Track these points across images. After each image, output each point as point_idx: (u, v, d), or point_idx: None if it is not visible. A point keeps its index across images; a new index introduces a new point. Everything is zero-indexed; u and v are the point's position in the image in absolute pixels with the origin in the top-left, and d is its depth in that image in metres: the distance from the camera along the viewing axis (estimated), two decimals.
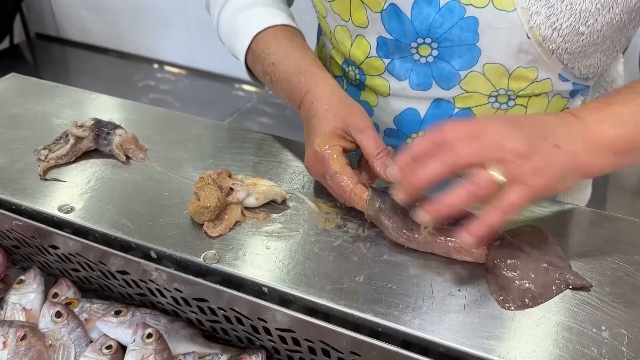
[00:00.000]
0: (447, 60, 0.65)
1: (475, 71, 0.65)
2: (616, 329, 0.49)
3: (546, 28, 0.59)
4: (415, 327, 0.49)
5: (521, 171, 0.49)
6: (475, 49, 0.63)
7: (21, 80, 0.89)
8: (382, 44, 0.68)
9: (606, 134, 0.52)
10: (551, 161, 0.50)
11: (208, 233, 0.59)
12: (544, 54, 0.62)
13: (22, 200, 0.64)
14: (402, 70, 0.69)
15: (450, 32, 0.62)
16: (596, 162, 0.53)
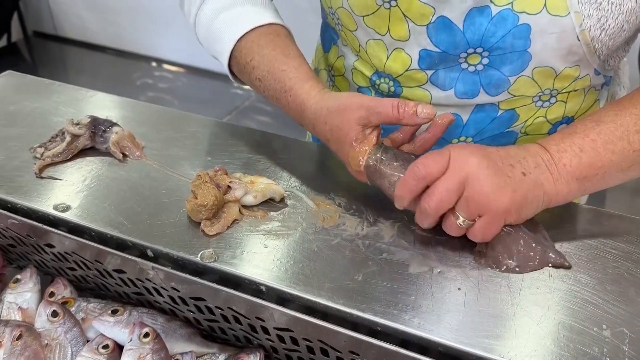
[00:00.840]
0: (497, 68, 0.65)
1: (524, 75, 0.65)
2: (617, 327, 0.49)
3: (596, 29, 0.60)
4: (415, 326, 0.49)
5: (486, 205, 0.52)
6: (527, 54, 0.63)
7: (18, 78, 0.88)
8: (426, 57, 0.66)
9: (568, 161, 0.55)
10: (518, 187, 0.53)
11: (205, 231, 0.59)
12: (588, 53, 0.63)
13: (18, 198, 0.64)
14: (447, 80, 0.68)
15: (503, 41, 0.62)
16: (561, 190, 0.55)
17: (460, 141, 0.73)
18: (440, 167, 0.53)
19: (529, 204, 0.54)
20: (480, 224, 0.54)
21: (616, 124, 0.57)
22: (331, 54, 0.81)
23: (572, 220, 0.61)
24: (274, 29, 0.70)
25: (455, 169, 0.53)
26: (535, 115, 0.70)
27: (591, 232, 0.59)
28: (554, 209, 0.62)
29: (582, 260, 0.56)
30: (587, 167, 0.56)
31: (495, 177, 0.52)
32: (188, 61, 3.13)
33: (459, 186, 0.52)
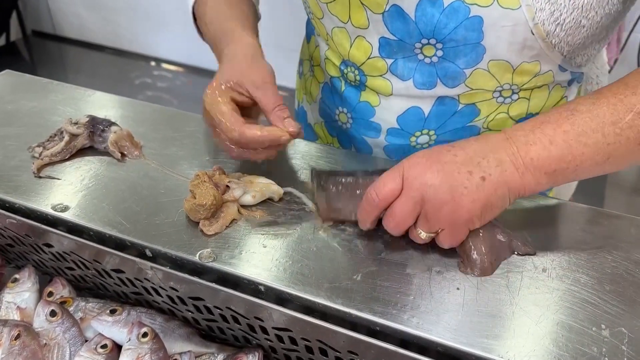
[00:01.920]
0: (451, 60, 0.65)
1: (480, 68, 0.65)
2: (616, 327, 0.49)
3: (550, 23, 0.59)
4: (414, 325, 0.49)
5: (442, 218, 0.52)
6: (480, 47, 0.63)
7: (15, 77, 0.88)
8: (385, 45, 0.67)
9: (536, 155, 0.53)
10: (477, 196, 0.52)
11: (204, 231, 0.59)
12: (546, 48, 0.62)
13: (16, 198, 0.63)
14: (405, 70, 0.68)
15: (455, 33, 0.62)
16: (528, 183, 0.53)
17: (422, 134, 0.73)
18: (394, 190, 0.53)
19: (492, 207, 0.53)
20: (443, 236, 0.54)
21: (592, 114, 0.54)
22: (311, 44, 0.84)
23: (571, 220, 0.61)
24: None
25: (409, 190, 0.52)
26: (497, 111, 0.70)
27: (590, 232, 0.59)
28: (552, 209, 0.62)
29: (581, 260, 0.56)
30: (557, 161, 0.53)
31: (451, 191, 0.51)
32: (187, 60, 3.13)
33: (414, 207, 0.53)
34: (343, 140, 0.83)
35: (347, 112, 0.77)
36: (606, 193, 2.05)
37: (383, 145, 0.76)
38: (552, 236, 0.59)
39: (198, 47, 0.77)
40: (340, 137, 0.83)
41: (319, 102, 0.84)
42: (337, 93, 0.78)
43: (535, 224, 0.60)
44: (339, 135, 0.83)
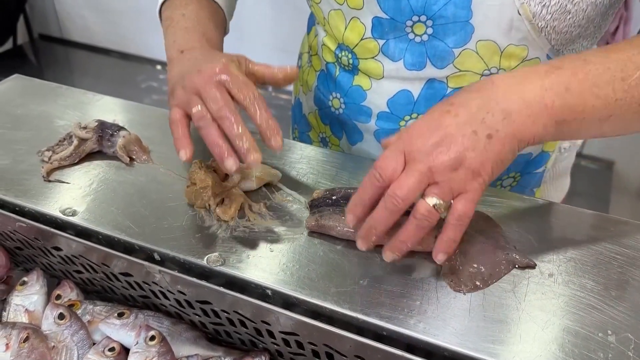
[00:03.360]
0: (441, 39, 0.67)
1: (468, 49, 0.66)
2: (622, 333, 0.49)
3: (536, 4, 0.61)
4: (420, 330, 0.49)
5: (456, 184, 0.50)
6: (469, 25, 0.64)
7: (24, 81, 0.89)
8: (378, 24, 0.69)
9: (550, 101, 0.51)
10: (486, 156, 0.50)
11: (221, 217, 0.60)
12: (533, 32, 0.64)
13: (26, 201, 0.64)
14: (396, 50, 0.70)
15: (445, 9, 0.64)
16: (537, 131, 0.51)
17: (412, 118, 0.74)
18: (396, 169, 0.51)
19: (502, 162, 0.51)
20: (458, 203, 0.50)
21: (604, 66, 0.52)
22: (311, 34, 0.86)
23: (577, 226, 0.61)
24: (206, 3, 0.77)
25: (414, 164, 0.50)
26: None
27: (596, 238, 0.59)
28: (558, 215, 0.63)
29: (587, 265, 0.56)
30: (569, 110, 0.51)
31: (459, 158, 0.49)
32: None
33: (421, 179, 0.50)
34: (335, 127, 0.84)
35: (340, 97, 0.79)
36: (611, 198, 2.05)
37: (373, 130, 0.78)
38: (558, 241, 0.59)
39: None
40: (332, 125, 0.85)
41: (314, 90, 0.86)
42: (331, 78, 0.80)
43: (541, 229, 0.60)
44: (331, 122, 0.84)
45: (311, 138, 0.91)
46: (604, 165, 2.23)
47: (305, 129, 0.92)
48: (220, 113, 0.58)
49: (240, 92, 0.59)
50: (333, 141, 0.86)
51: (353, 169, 0.70)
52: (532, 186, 0.81)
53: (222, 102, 0.58)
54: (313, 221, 0.59)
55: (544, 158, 0.79)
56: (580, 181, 2.18)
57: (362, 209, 0.53)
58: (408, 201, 0.50)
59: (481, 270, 0.54)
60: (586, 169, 2.24)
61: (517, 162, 0.76)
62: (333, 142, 0.86)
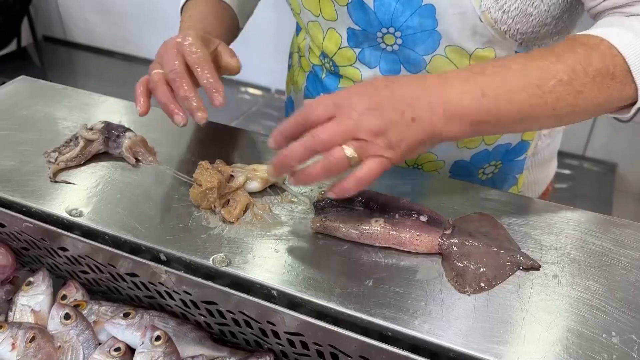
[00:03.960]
0: (411, 48, 0.69)
1: (438, 54, 0.69)
2: (626, 334, 0.49)
3: (496, 11, 0.63)
4: (425, 331, 0.49)
5: (374, 147, 0.52)
6: (436, 33, 0.67)
7: (31, 83, 0.89)
8: (352, 35, 0.72)
9: (467, 105, 0.54)
10: (406, 135, 0.53)
11: (227, 218, 0.61)
12: (497, 35, 0.66)
13: (32, 202, 0.64)
14: (372, 58, 0.73)
15: (411, 20, 0.66)
16: (453, 130, 0.55)
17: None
18: (324, 115, 0.53)
19: (415, 149, 0.54)
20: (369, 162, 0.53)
21: (522, 73, 0.56)
22: (300, 36, 0.88)
23: (581, 228, 0.61)
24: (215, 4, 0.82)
25: (344, 117, 0.53)
26: None
27: (600, 240, 0.60)
28: (563, 217, 0.63)
29: (591, 267, 0.56)
30: (484, 113, 0.55)
31: (384, 125, 0.52)
32: None
33: (346, 132, 0.52)
34: None
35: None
36: (614, 200, 2.05)
37: None
38: (563, 243, 0.59)
39: None
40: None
41: (303, 91, 0.88)
42: (318, 80, 0.82)
43: (547, 231, 0.61)
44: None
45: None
46: (606, 167, 2.23)
47: None
48: (170, 75, 0.65)
49: (190, 56, 0.65)
50: None
51: None
52: (515, 172, 0.83)
53: (174, 66, 0.65)
54: (318, 222, 0.60)
55: (524, 147, 0.80)
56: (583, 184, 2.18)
57: (281, 137, 0.56)
58: (326, 145, 0.53)
59: (486, 272, 0.55)
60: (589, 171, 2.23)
61: (497, 151, 0.78)
62: None
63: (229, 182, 0.64)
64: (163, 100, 0.64)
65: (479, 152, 0.78)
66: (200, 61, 0.65)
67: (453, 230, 0.58)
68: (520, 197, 0.68)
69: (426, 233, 0.57)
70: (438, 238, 0.57)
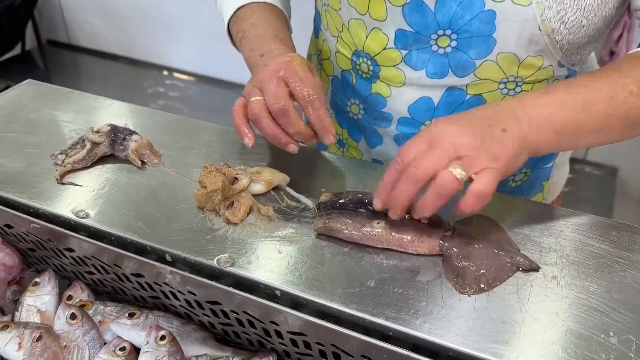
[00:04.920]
0: (464, 51, 0.69)
1: (489, 60, 0.69)
2: (624, 335, 0.50)
3: (556, 21, 0.65)
4: (426, 331, 0.50)
5: (480, 159, 0.53)
6: (491, 39, 0.67)
7: (37, 86, 0.90)
8: (401, 36, 0.71)
9: (548, 115, 0.57)
10: (503, 145, 0.54)
11: (231, 219, 0.62)
12: (550, 45, 0.67)
13: (40, 203, 0.65)
14: (419, 60, 0.72)
15: (470, 24, 0.66)
16: (542, 139, 0.57)
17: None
18: (419, 152, 0.54)
19: (513, 160, 0.55)
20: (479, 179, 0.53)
21: (593, 87, 0.59)
22: (319, 38, 0.87)
23: (580, 230, 0.62)
24: (277, 9, 0.80)
25: (438, 143, 0.53)
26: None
27: (599, 242, 0.60)
28: (562, 219, 0.64)
29: (590, 269, 0.57)
30: (564, 123, 0.57)
31: (482, 138, 0.54)
32: (198, 70, 3.17)
33: (446, 155, 0.53)
34: (352, 131, 0.86)
35: (359, 103, 0.81)
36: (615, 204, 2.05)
37: (393, 134, 0.80)
38: (562, 245, 0.60)
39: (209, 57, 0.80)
40: (350, 128, 0.86)
41: (330, 95, 0.87)
42: (348, 85, 0.81)
43: (545, 233, 0.61)
44: (349, 126, 0.86)
45: None
46: (607, 171, 2.24)
47: None
48: (275, 107, 0.63)
49: (297, 88, 0.64)
50: (351, 144, 0.87)
51: (361, 174, 0.72)
52: (542, 180, 0.84)
53: (279, 97, 0.63)
54: (321, 223, 0.61)
55: (553, 154, 0.81)
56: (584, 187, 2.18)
57: (385, 192, 0.56)
58: (427, 172, 0.53)
59: (486, 273, 0.55)
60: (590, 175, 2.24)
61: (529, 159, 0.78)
62: (351, 144, 0.88)
63: (233, 185, 0.65)
64: (271, 134, 0.64)
65: None
66: (312, 99, 0.64)
67: (453, 232, 0.59)
68: (519, 200, 0.69)
69: (427, 235, 0.58)
70: (439, 240, 0.58)
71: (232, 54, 0.81)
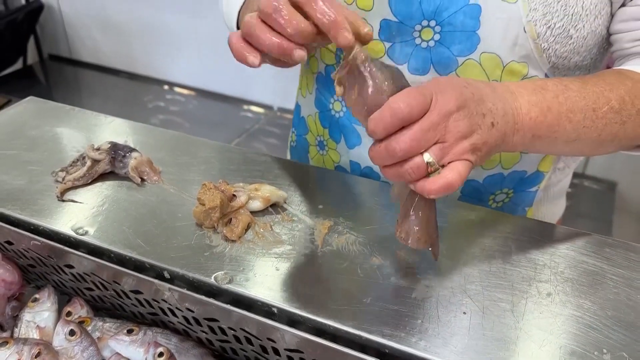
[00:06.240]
0: (447, 46, 0.69)
1: (472, 59, 0.69)
2: (618, 352, 0.50)
3: (541, 25, 0.65)
4: (421, 348, 0.51)
5: (461, 149, 0.52)
6: (475, 36, 0.67)
7: (39, 104, 0.92)
8: (386, 27, 0.71)
9: (534, 116, 0.56)
10: (487, 139, 0.54)
11: (229, 236, 0.63)
12: (536, 51, 0.67)
13: (40, 220, 0.66)
14: (401, 55, 0.72)
15: (454, 17, 0.66)
16: (516, 139, 0.57)
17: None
18: (422, 110, 0.50)
19: (489, 153, 0.55)
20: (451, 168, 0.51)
21: (581, 95, 0.59)
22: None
23: (574, 247, 0.63)
24: None
25: (435, 116, 0.50)
26: None
27: (593, 259, 0.61)
28: (556, 236, 0.64)
29: (584, 286, 0.57)
30: (546, 128, 0.57)
31: (470, 127, 0.52)
32: (199, 85, 3.19)
33: (436, 131, 0.50)
34: (334, 131, 0.85)
35: (340, 100, 0.81)
36: (614, 219, 2.06)
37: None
38: (557, 262, 0.60)
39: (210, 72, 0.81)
40: (331, 128, 0.86)
41: (314, 93, 0.87)
42: (331, 81, 0.81)
43: (541, 250, 0.62)
44: (331, 125, 0.86)
45: (308, 141, 0.92)
46: (606, 186, 2.25)
47: (302, 131, 0.93)
48: (266, 9, 0.53)
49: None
50: (331, 145, 0.87)
51: (359, 191, 0.73)
52: (525, 205, 0.83)
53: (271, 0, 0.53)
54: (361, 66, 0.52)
55: (538, 177, 0.80)
56: (583, 202, 2.19)
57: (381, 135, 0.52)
58: (407, 153, 0.50)
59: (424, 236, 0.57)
60: (589, 189, 2.25)
61: (511, 178, 0.78)
62: (331, 146, 0.87)
63: (231, 202, 0.66)
64: (268, 43, 0.54)
65: (493, 175, 0.78)
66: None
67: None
68: (513, 217, 0.70)
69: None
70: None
71: (232, 69, 0.83)
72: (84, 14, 3.35)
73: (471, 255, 0.61)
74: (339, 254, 0.61)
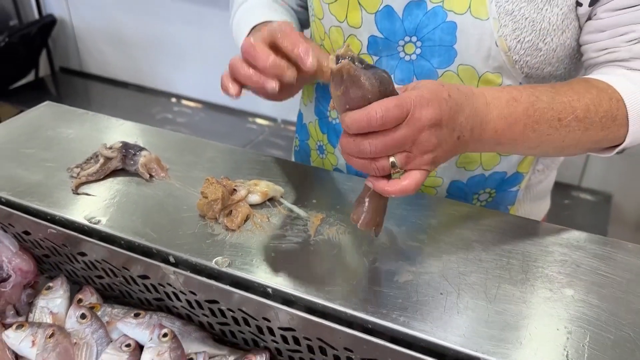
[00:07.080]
0: (427, 59, 0.75)
1: (450, 70, 0.75)
2: (577, 324, 0.55)
3: (512, 40, 0.70)
4: (401, 323, 0.55)
5: (423, 160, 0.56)
6: (452, 50, 0.73)
7: (55, 108, 0.98)
8: (373, 42, 0.78)
9: (500, 130, 0.61)
10: (449, 150, 0.58)
11: (229, 226, 0.68)
12: (508, 63, 0.72)
13: (56, 211, 0.72)
14: (387, 67, 0.78)
15: (433, 33, 0.73)
16: (478, 148, 0.62)
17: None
18: (398, 119, 0.53)
19: (448, 158, 0.59)
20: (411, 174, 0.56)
21: (550, 107, 0.63)
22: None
23: (549, 239, 0.67)
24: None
25: (412, 127, 0.54)
26: None
27: (566, 249, 0.66)
28: (529, 229, 0.69)
29: (555, 273, 0.62)
30: (509, 137, 0.61)
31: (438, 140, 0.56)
32: (206, 97, 3.26)
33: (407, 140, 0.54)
34: (332, 136, 0.91)
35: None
36: (609, 230, 2.09)
37: None
38: (531, 252, 0.65)
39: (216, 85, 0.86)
40: (329, 133, 0.92)
41: (314, 102, 0.93)
42: (327, 90, 0.85)
43: (516, 241, 0.67)
44: (329, 131, 0.92)
45: (309, 146, 0.98)
46: (602, 198, 2.28)
47: (304, 137, 0.99)
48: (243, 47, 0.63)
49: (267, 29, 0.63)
50: (329, 149, 0.93)
51: (350, 188, 0.78)
52: (507, 203, 0.88)
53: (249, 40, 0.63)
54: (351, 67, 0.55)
55: (518, 178, 0.85)
56: (578, 214, 2.22)
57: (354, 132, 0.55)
58: (377, 154, 0.55)
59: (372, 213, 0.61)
60: (584, 201, 2.28)
61: (492, 179, 0.83)
62: (329, 150, 0.93)
63: (232, 195, 0.71)
64: (246, 75, 0.63)
65: (475, 176, 0.83)
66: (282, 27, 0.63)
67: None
68: (494, 212, 0.75)
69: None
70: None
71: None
72: (94, 28, 3.44)
73: (451, 245, 0.66)
74: (329, 242, 0.67)
